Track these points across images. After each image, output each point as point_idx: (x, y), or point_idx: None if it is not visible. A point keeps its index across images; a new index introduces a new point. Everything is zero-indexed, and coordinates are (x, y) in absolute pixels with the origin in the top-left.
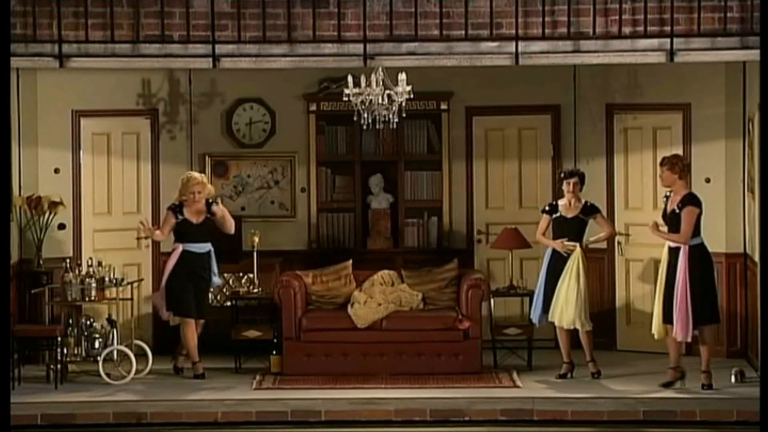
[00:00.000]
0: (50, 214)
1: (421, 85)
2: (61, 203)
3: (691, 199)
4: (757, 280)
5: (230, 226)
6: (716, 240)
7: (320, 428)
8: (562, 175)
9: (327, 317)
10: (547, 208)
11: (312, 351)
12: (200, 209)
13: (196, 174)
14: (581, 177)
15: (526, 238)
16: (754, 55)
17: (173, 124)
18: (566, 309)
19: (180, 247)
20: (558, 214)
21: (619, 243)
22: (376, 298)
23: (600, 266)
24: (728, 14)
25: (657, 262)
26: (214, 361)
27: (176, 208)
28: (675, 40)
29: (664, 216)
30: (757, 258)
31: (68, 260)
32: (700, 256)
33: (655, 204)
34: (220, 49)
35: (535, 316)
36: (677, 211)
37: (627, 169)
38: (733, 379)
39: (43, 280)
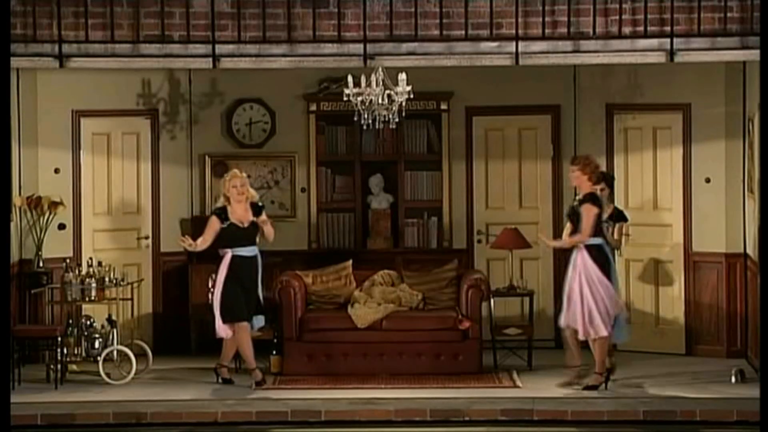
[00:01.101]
0: (50, 214)
1: (421, 85)
2: (61, 203)
3: (591, 198)
4: (757, 280)
5: (270, 234)
6: (716, 240)
7: (320, 428)
8: None
9: (327, 317)
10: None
11: (312, 351)
12: (245, 213)
13: (235, 170)
14: (608, 181)
15: (526, 238)
16: (754, 55)
17: (173, 124)
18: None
19: (228, 254)
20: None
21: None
22: (376, 298)
23: None
24: (728, 14)
25: (657, 262)
26: (214, 362)
27: (220, 213)
28: (675, 40)
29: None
30: (757, 258)
31: (68, 260)
32: (596, 255)
33: (655, 204)
34: (220, 49)
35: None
36: (574, 207)
37: (627, 169)
38: (733, 379)
39: (43, 280)
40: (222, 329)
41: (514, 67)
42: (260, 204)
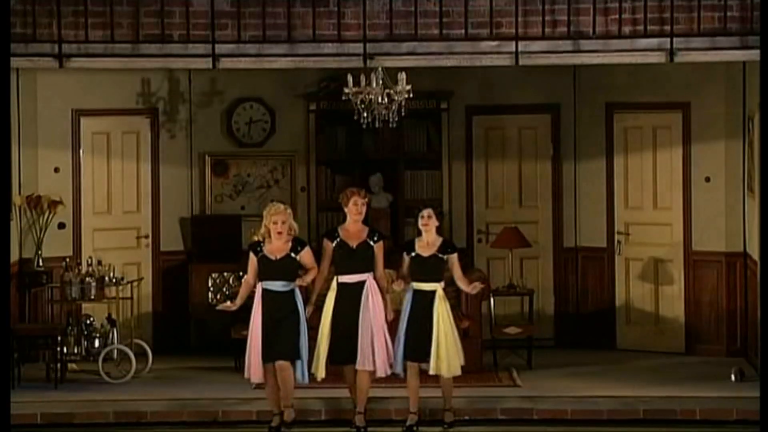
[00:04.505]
0: (50, 213)
1: (421, 84)
2: (60, 202)
3: (383, 234)
4: (757, 280)
5: (306, 277)
6: (716, 239)
7: (320, 428)
8: (417, 211)
9: None
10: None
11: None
12: (282, 246)
13: (279, 203)
14: (435, 213)
15: (526, 237)
16: (754, 55)
17: (173, 124)
18: (446, 356)
19: (259, 287)
20: (414, 253)
21: (618, 242)
22: None
23: (600, 266)
24: (728, 14)
25: (657, 261)
26: (214, 361)
27: (255, 246)
28: (675, 40)
29: (347, 249)
30: (757, 258)
31: (68, 259)
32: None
33: (655, 204)
34: (220, 48)
35: (397, 363)
36: (371, 243)
37: (627, 169)
38: (733, 378)
39: (43, 279)
40: (250, 371)
41: (514, 66)
42: (301, 240)
